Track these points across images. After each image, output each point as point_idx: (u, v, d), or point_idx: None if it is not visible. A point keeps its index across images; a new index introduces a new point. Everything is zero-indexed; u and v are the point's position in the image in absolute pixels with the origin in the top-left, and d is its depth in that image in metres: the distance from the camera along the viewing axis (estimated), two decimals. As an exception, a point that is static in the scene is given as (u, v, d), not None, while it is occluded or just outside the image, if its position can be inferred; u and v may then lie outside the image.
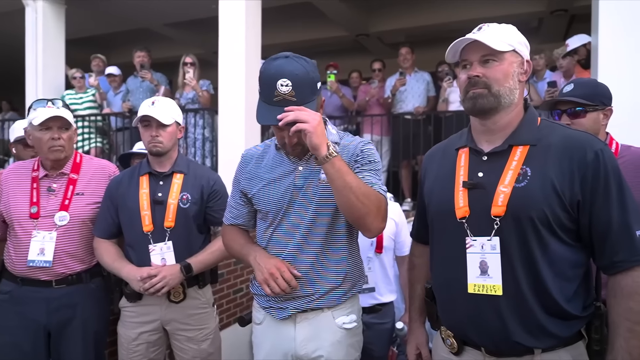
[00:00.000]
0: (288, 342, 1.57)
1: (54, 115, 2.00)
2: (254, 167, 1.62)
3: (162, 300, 2.04)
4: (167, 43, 7.93)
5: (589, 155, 1.20)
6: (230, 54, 4.61)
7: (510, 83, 1.28)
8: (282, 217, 1.55)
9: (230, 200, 1.71)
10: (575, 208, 1.21)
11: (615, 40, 3.56)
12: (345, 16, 6.90)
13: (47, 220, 2.02)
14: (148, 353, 2.07)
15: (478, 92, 1.28)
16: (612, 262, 1.21)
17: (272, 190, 1.56)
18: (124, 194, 2.07)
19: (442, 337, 1.41)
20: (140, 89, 5.49)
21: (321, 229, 1.53)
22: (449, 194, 1.34)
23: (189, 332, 2.08)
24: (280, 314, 1.56)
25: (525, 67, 1.31)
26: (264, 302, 1.60)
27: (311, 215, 1.52)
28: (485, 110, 1.29)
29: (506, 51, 1.27)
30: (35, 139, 2.05)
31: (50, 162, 2.07)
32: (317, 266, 1.53)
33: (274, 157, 1.60)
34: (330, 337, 1.55)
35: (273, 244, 1.57)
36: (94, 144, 5.66)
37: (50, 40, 5.84)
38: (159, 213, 2.03)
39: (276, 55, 1.43)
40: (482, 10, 6.26)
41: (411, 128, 5.06)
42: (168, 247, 2.02)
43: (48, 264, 1.99)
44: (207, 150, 5.09)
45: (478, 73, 1.27)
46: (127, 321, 2.07)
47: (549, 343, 1.23)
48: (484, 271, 1.25)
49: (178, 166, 2.12)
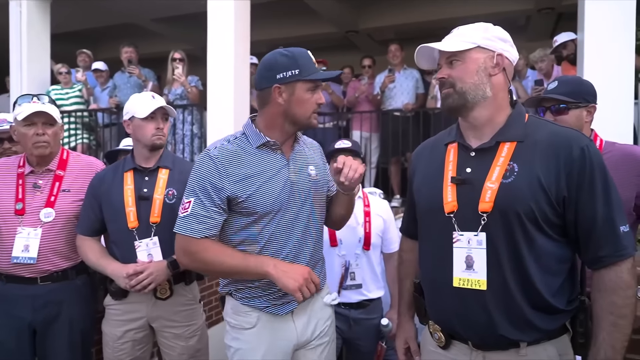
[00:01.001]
0: (290, 335, 1.59)
1: (38, 110, 1.97)
2: (238, 168, 1.50)
3: (149, 298, 2.01)
4: (154, 38, 7.85)
5: (575, 152, 1.21)
6: (219, 50, 4.58)
7: (475, 79, 1.29)
8: (282, 215, 1.53)
9: (197, 211, 1.48)
10: (561, 204, 1.22)
11: (600, 37, 3.60)
12: (334, 12, 6.90)
13: (32, 217, 2.00)
14: (134, 351, 2.05)
15: (445, 92, 1.33)
16: (596, 257, 1.23)
17: (269, 189, 1.50)
18: (107, 191, 2.03)
19: (430, 331, 1.42)
20: (127, 85, 5.43)
21: (315, 222, 1.62)
22: (438, 189, 1.35)
23: (176, 328, 2.06)
24: (283, 309, 1.56)
25: (495, 60, 1.30)
26: (263, 302, 1.56)
27: (307, 209, 1.58)
28: (453, 109, 1.33)
29: (468, 49, 1.29)
30: (20, 134, 2.02)
31: (36, 158, 2.05)
32: (313, 256, 1.60)
33: (257, 155, 1.53)
34: (323, 315, 1.68)
35: (273, 243, 1.52)
36: (80, 140, 5.59)
37: (35, 35, 5.74)
38: (144, 209, 2.01)
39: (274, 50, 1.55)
40: (470, 8, 6.30)
41: (400, 125, 5.08)
42: (154, 243, 2.00)
43: (32, 261, 1.96)
44: (196, 147, 5.06)
45: (444, 75, 1.32)
46: (112, 319, 2.04)
47: (535, 336, 1.24)
48: (469, 266, 1.27)
49: (163, 161, 2.09)
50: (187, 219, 1.49)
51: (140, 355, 2.08)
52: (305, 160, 1.63)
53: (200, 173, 1.50)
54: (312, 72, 1.50)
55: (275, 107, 1.52)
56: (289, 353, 1.61)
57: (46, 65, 5.86)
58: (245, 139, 1.56)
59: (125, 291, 1.99)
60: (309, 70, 1.49)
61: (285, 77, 1.48)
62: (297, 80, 1.48)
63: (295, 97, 1.49)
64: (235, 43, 4.56)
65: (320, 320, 1.66)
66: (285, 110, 1.51)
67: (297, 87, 1.49)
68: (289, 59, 1.49)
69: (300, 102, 1.50)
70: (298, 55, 1.50)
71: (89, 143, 5.72)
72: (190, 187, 1.51)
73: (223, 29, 4.58)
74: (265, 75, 1.51)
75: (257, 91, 1.58)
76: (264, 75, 1.52)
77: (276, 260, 1.49)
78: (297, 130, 1.59)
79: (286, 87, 1.49)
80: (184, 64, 4.97)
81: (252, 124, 1.58)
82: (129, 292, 2.00)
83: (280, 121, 1.54)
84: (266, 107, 1.54)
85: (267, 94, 1.52)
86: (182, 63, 4.94)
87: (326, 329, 1.68)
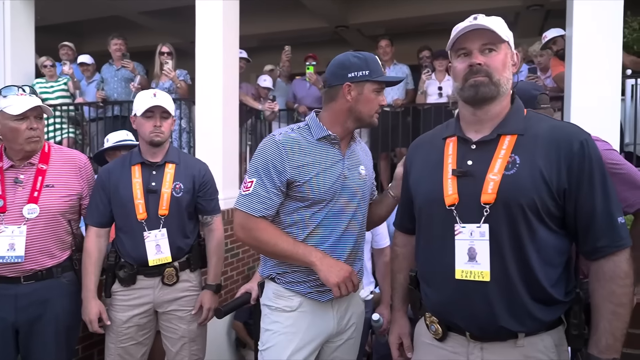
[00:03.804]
0: (327, 322, 1.67)
1: (35, 105, 1.93)
2: (299, 155, 1.59)
3: (156, 283, 2.12)
4: (141, 31, 7.73)
5: (575, 146, 1.23)
6: (207, 44, 4.52)
7: (507, 73, 1.31)
8: (333, 205, 1.62)
9: (258, 190, 1.58)
10: (562, 196, 1.24)
11: (589, 33, 3.63)
12: (324, 7, 6.86)
13: (14, 214, 1.93)
14: (137, 336, 2.13)
15: (480, 80, 1.29)
16: (595, 248, 1.25)
17: (325, 179, 1.60)
18: (116, 183, 2.11)
19: (427, 323, 1.42)
20: (115, 78, 5.34)
21: (359, 215, 1.70)
22: (438, 182, 1.35)
23: (179, 312, 2.16)
24: (324, 296, 1.64)
25: (514, 59, 1.35)
26: (306, 288, 1.63)
27: (355, 205, 1.67)
28: (486, 99, 1.31)
29: (504, 41, 1.30)
30: (9, 128, 1.93)
31: (23, 153, 1.99)
32: (355, 249, 1.69)
33: (317, 146, 1.63)
34: (357, 310, 1.78)
35: (319, 231, 1.61)
36: (66, 134, 5.48)
37: (19, 27, 5.61)
38: (152, 202, 2.11)
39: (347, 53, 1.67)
40: (460, 4, 6.30)
41: (390, 120, 5.08)
42: (162, 234, 2.11)
43: (20, 259, 1.91)
44: (184, 141, 5.01)
45: (481, 61, 1.29)
46: (118, 305, 2.11)
47: (533, 327, 1.26)
48: (472, 257, 1.27)
49: (170, 156, 2.19)
50: (249, 197, 1.59)
51: (142, 342, 2.15)
52: (357, 160, 1.74)
53: (264, 156, 1.60)
54: (379, 74, 1.62)
55: (342, 103, 1.63)
56: (321, 342, 1.66)
57: (30, 58, 5.74)
58: (308, 130, 1.66)
59: (134, 277, 2.10)
60: (377, 73, 1.62)
61: (356, 77, 1.59)
62: (367, 81, 1.60)
63: (364, 96, 1.61)
64: (224, 37, 4.51)
65: (355, 314, 1.75)
66: (352, 107, 1.62)
67: (366, 87, 1.61)
68: (361, 60, 1.61)
69: (367, 101, 1.62)
70: (369, 58, 1.63)
71: (74, 137, 5.62)
72: (254, 168, 1.61)
73: (212, 22, 4.52)
74: (338, 73, 1.62)
75: (326, 88, 1.69)
76: (337, 73, 1.62)
77: (323, 253, 1.58)
78: (357, 127, 1.70)
79: (356, 85, 1.60)
80: (173, 58, 4.91)
81: (316, 117, 1.68)
82: (137, 279, 2.10)
83: (343, 117, 1.64)
84: (333, 102, 1.65)
85: (336, 91, 1.63)
86: (170, 57, 4.88)
87: (358, 323, 1.78)
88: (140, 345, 2.15)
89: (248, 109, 5.35)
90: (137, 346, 2.13)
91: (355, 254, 1.70)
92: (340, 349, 1.73)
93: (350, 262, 1.65)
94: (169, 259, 2.12)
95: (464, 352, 1.32)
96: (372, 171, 1.84)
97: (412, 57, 5.66)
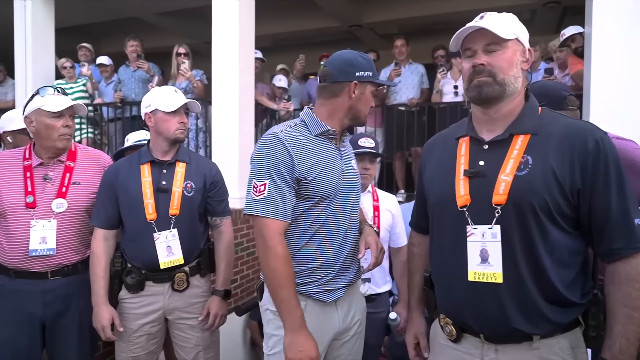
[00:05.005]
0: (333, 323, 1.66)
1: (72, 105, 2.02)
2: (304, 152, 1.57)
3: (166, 290, 2.04)
4: (157, 32, 7.82)
5: (590, 144, 1.21)
6: (223, 44, 4.57)
7: (514, 71, 1.28)
8: (336, 201, 1.62)
9: (273, 193, 1.50)
10: (576, 196, 1.22)
11: (608, 29, 3.57)
12: (338, 7, 6.86)
13: (44, 209, 1.99)
14: (148, 345, 2.07)
15: (483, 80, 1.28)
16: (610, 250, 1.22)
17: (329, 174, 1.60)
18: (124, 183, 2.03)
19: (441, 324, 1.42)
20: (132, 79, 5.43)
21: (356, 208, 1.72)
22: (450, 182, 1.35)
23: (191, 320, 2.09)
24: (331, 296, 1.62)
25: (526, 55, 1.32)
26: (314, 287, 1.59)
27: (354, 197, 1.70)
28: (491, 99, 1.29)
29: (509, 39, 1.28)
30: (44, 125, 2.00)
31: (55, 150, 2.05)
32: (355, 243, 1.70)
33: (316, 142, 1.62)
34: (360, 306, 1.78)
35: (325, 228, 1.60)
36: (85, 134, 5.59)
37: (40, 29, 5.73)
38: (162, 201, 2.03)
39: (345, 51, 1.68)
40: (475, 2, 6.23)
41: (405, 120, 5.07)
42: (173, 235, 2.02)
43: (52, 252, 1.96)
44: (201, 141, 5.06)
45: (483, 61, 1.27)
46: (127, 313, 2.04)
47: (548, 329, 1.24)
48: (484, 259, 1.26)
49: (181, 155, 2.13)
50: (264, 201, 1.51)
51: (154, 350, 2.10)
52: (348, 154, 1.77)
53: (271, 155, 1.53)
54: (378, 77, 1.68)
55: (345, 100, 1.63)
56: (328, 342, 1.66)
57: (51, 59, 5.85)
58: (304, 126, 1.64)
59: (142, 283, 2.01)
60: (377, 76, 1.68)
61: (362, 76, 1.62)
62: (369, 82, 1.64)
63: (364, 96, 1.65)
64: (240, 37, 4.54)
65: (358, 310, 1.76)
66: (352, 105, 1.64)
67: (368, 87, 1.65)
68: (367, 61, 1.64)
69: (366, 101, 1.66)
70: (371, 61, 1.67)
71: (93, 137, 5.73)
72: (263, 170, 1.53)
73: (228, 23, 4.56)
74: (346, 71, 1.62)
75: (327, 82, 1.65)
76: (345, 70, 1.62)
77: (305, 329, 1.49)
78: (351, 125, 1.72)
79: (360, 85, 1.63)
80: (189, 58, 4.97)
81: (312, 113, 1.66)
82: (146, 285, 2.02)
83: (342, 114, 1.65)
84: (334, 98, 1.64)
85: (340, 87, 1.63)
86: (187, 58, 4.95)
87: (362, 319, 1.78)
88: (152, 354, 2.10)
89: (263, 109, 5.39)
90: (148, 354, 2.08)
91: (355, 246, 1.70)
92: (345, 345, 1.72)
93: (352, 256, 1.68)
94: (182, 260, 2.03)
95: (478, 353, 1.31)
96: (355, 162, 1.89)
97: (426, 55, 5.63)
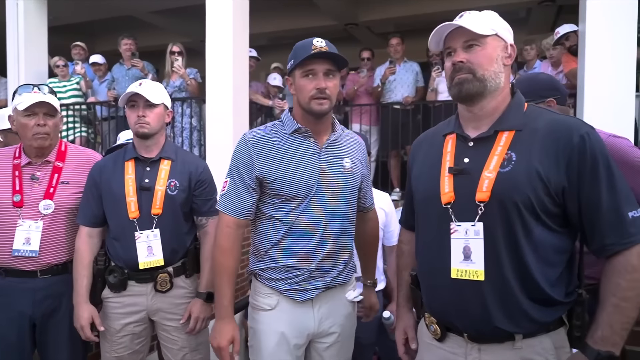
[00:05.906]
0: (307, 323, 1.63)
1: (40, 100, 1.95)
2: (268, 150, 1.57)
3: (149, 290, 2.00)
4: (152, 31, 7.80)
5: (575, 139, 1.19)
6: (217, 43, 4.56)
7: (494, 67, 1.27)
8: (310, 200, 1.57)
9: (230, 191, 1.59)
10: (560, 194, 1.20)
11: (602, 28, 3.58)
12: (334, 5, 6.85)
13: (31, 209, 1.98)
14: (132, 345, 2.03)
15: (463, 77, 1.27)
16: (602, 246, 1.20)
17: (299, 173, 1.56)
18: (108, 180, 2.00)
19: (426, 323, 1.42)
20: (126, 78, 5.40)
21: (342, 211, 1.64)
22: (435, 179, 1.34)
23: (176, 322, 2.04)
24: (302, 295, 1.60)
25: (509, 51, 1.31)
26: (284, 285, 1.60)
27: (335, 198, 1.62)
28: (472, 96, 1.28)
29: (488, 35, 1.27)
30: (19, 124, 1.99)
31: (35, 150, 2.02)
32: (337, 247, 1.63)
33: (290, 140, 1.60)
34: (343, 312, 1.71)
35: (298, 228, 1.58)
36: (78, 133, 5.57)
37: (32, 28, 5.70)
38: (145, 200, 1.98)
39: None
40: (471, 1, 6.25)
41: (400, 118, 5.06)
42: (155, 235, 1.97)
43: (34, 254, 1.95)
44: (195, 140, 5.04)
45: (462, 59, 1.27)
46: (110, 312, 2.01)
47: (530, 329, 1.22)
48: (467, 256, 1.25)
49: (166, 152, 2.06)
50: (223, 197, 1.62)
51: (139, 349, 2.06)
52: (341, 152, 1.67)
53: (235, 155, 1.62)
54: (302, 56, 1.51)
55: (295, 96, 1.62)
56: (304, 341, 1.64)
57: (43, 58, 5.83)
58: (282, 126, 1.64)
59: (124, 283, 1.98)
60: (301, 56, 1.52)
61: (289, 68, 1.59)
62: (294, 69, 1.56)
63: (297, 85, 1.58)
64: (234, 36, 4.53)
65: (340, 317, 1.69)
66: (297, 99, 1.61)
67: (296, 75, 1.57)
68: (293, 51, 1.57)
69: (299, 89, 1.57)
70: (299, 45, 1.56)
71: (87, 136, 5.70)
72: (230, 168, 1.63)
73: (222, 21, 4.55)
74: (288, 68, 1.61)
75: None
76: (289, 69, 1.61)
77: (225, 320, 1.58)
78: (314, 118, 1.60)
79: (292, 77, 1.60)
80: (183, 57, 4.95)
81: (289, 112, 1.66)
82: (128, 284, 1.99)
83: (299, 110, 1.62)
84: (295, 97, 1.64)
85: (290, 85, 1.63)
86: (181, 56, 4.92)
87: (344, 326, 1.71)
88: (137, 353, 2.05)
89: (258, 107, 5.37)
90: (133, 354, 2.04)
91: (337, 250, 1.64)
92: (327, 352, 1.69)
93: (332, 259, 1.63)
94: (161, 262, 1.97)
95: (462, 352, 1.30)
96: (363, 163, 1.78)
97: (422, 54, 5.63)
